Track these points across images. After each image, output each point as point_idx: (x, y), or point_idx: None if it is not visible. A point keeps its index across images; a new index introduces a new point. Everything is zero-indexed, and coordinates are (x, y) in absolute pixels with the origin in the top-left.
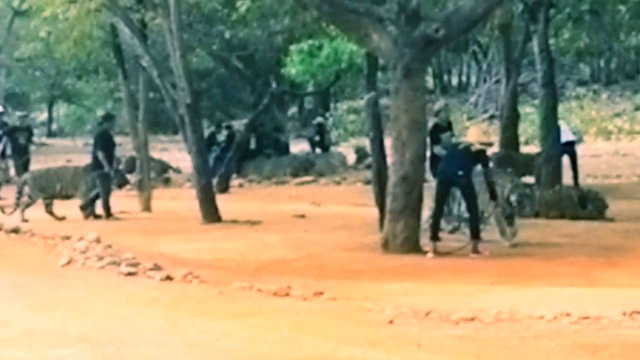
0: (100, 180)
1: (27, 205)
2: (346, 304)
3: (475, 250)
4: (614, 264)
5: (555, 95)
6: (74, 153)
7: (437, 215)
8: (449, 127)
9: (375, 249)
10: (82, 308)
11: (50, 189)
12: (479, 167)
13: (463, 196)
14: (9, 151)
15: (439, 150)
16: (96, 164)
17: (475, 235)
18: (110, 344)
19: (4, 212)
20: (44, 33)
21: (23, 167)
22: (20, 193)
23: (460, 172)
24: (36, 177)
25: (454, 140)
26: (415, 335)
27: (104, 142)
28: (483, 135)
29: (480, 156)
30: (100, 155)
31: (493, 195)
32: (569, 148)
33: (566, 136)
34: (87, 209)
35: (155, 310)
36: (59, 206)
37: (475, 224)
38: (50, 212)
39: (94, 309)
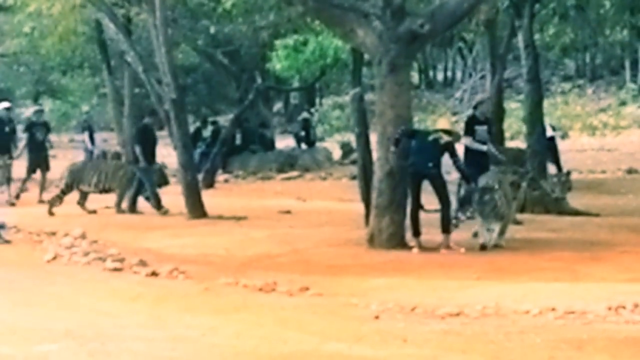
0: (143, 174)
1: (59, 198)
2: (332, 299)
3: (447, 246)
4: (599, 258)
5: (540, 90)
6: (59, 149)
7: (414, 210)
8: (486, 121)
9: (361, 244)
10: (67, 304)
11: (86, 182)
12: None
13: (433, 188)
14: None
15: (469, 142)
16: (136, 159)
17: (446, 229)
18: (95, 340)
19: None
20: (28, 29)
21: (44, 163)
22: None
23: (430, 164)
24: (73, 170)
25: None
26: (401, 331)
27: (142, 137)
28: (450, 126)
29: (448, 147)
30: (137, 149)
31: (467, 180)
32: (551, 144)
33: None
34: (131, 206)
35: (140, 305)
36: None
37: (446, 217)
38: (82, 205)
39: (79, 304)
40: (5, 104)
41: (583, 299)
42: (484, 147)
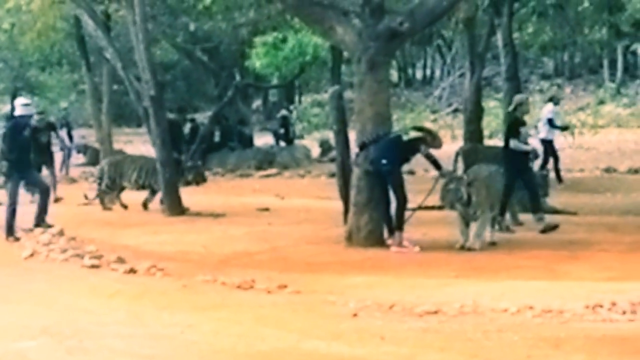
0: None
1: (105, 193)
2: (310, 297)
3: (399, 244)
4: (577, 257)
5: (519, 89)
6: None
7: (404, 205)
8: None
9: (339, 242)
10: (45, 301)
11: (125, 177)
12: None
13: (389, 185)
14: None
15: (516, 144)
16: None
17: (399, 227)
18: (74, 337)
19: (86, 198)
20: (7, 25)
21: (49, 162)
22: (101, 179)
23: (383, 161)
24: (113, 164)
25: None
26: (379, 328)
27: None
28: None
29: (413, 144)
30: None
31: (438, 168)
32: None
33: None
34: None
35: (118, 302)
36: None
37: (398, 216)
38: (118, 200)
39: (57, 301)
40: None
41: (561, 297)
42: (529, 148)
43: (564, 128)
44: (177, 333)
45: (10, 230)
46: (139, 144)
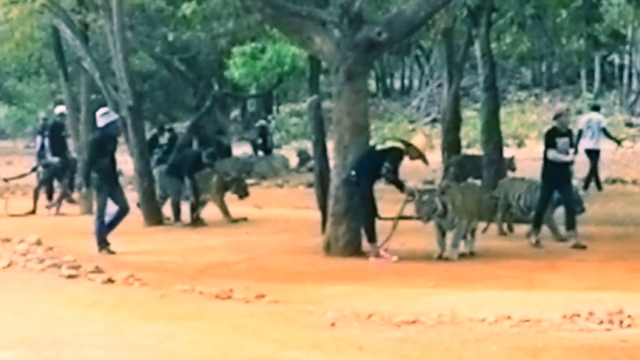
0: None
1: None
2: (288, 306)
3: (376, 255)
4: (555, 267)
5: (497, 99)
6: (15, 155)
7: (370, 217)
8: (568, 133)
9: (318, 252)
10: (22, 311)
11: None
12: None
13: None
14: None
15: (553, 155)
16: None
17: (371, 238)
18: (51, 347)
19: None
20: None
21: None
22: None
23: (352, 172)
24: (162, 174)
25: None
26: (357, 338)
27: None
28: (422, 144)
29: (387, 154)
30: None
31: (400, 188)
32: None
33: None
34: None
35: (96, 313)
36: None
37: (367, 228)
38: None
39: (34, 311)
40: (62, 109)
41: (538, 307)
42: (567, 159)
43: (616, 139)
44: (154, 343)
45: (101, 242)
46: (116, 154)
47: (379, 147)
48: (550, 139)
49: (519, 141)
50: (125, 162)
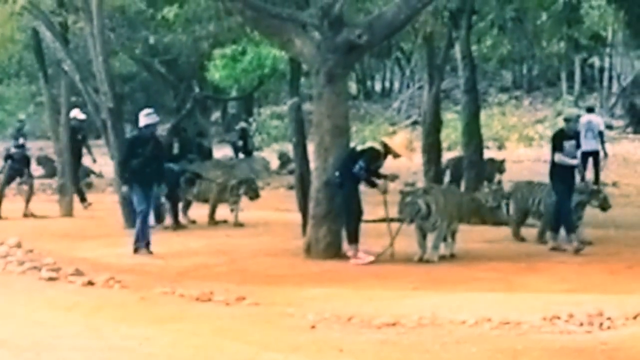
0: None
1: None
2: (268, 309)
3: (355, 256)
4: (534, 269)
5: (477, 101)
6: None
7: (355, 218)
8: (574, 136)
9: (298, 254)
10: (1, 313)
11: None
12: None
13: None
14: None
15: (560, 158)
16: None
17: (353, 239)
18: (30, 350)
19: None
20: None
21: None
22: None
23: (337, 173)
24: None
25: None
26: (337, 341)
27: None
28: (402, 144)
29: (364, 154)
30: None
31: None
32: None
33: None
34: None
35: (76, 315)
36: None
37: (351, 227)
38: (184, 214)
39: (13, 314)
40: (80, 115)
41: (518, 309)
42: (574, 162)
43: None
44: (135, 345)
45: (137, 243)
46: (97, 156)
47: (359, 148)
48: (557, 142)
49: (499, 144)
50: (105, 164)
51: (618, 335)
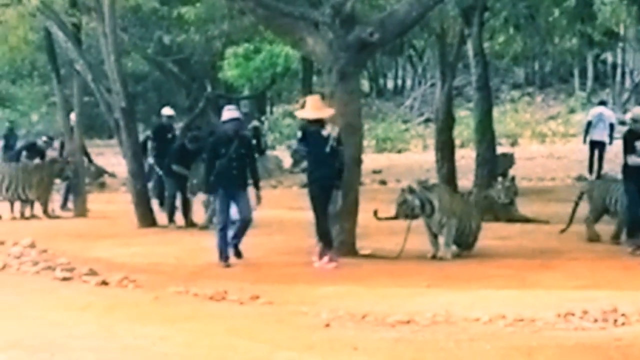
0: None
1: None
2: (282, 307)
3: (321, 257)
4: (548, 266)
5: (490, 98)
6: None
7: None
8: None
9: (311, 252)
10: (16, 313)
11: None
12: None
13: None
14: None
15: (633, 160)
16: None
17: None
18: (45, 350)
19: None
20: None
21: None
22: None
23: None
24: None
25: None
26: (351, 339)
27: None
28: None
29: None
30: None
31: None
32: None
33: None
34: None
35: (90, 315)
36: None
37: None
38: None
39: (28, 314)
40: (169, 112)
41: (533, 306)
42: None
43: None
44: (149, 345)
45: (221, 254)
46: (110, 156)
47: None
48: (628, 144)
49: (512, 140)
50: (118, 163)
51: (632, 332)
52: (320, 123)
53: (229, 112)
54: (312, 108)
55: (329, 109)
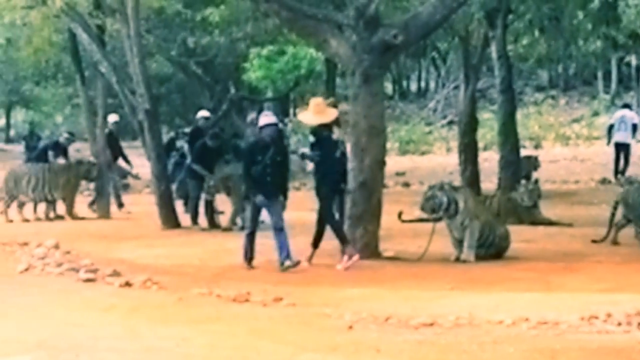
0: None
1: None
2: (305, 309)
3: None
4: (572, 269)
5: (513, 101)
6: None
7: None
8: None
9: (335, 254)
10: (40, 315)
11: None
12: None
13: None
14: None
15: None
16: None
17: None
18: (69, 351)
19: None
20: (2, 40)
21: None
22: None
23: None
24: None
25: None
26: (374, 341)
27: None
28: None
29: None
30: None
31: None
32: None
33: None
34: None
35: (113, 316)
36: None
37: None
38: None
39: (52, 315)
40: (205, 114)
41: (556, 309)
42: None
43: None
44: (172, 346)
45: (247, 255)
46: (133, 158)
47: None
48: None
49: (536, 143)
50: (142, 165)
51: None
52: (329, 127)
53: (266, 118)
54: (315, 112)
55: (332, 110)
